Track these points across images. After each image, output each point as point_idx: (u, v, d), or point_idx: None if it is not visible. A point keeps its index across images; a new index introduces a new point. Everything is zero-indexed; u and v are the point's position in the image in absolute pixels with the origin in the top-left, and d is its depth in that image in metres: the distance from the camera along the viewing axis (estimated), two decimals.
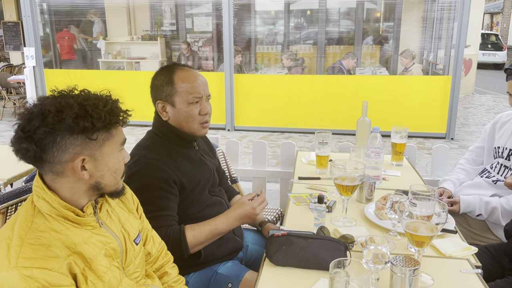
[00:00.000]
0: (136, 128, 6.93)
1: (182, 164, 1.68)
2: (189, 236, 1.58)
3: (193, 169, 1.72)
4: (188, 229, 1.59)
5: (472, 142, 6.42)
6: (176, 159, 1.67)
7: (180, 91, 1.66)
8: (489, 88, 12.26)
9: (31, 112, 1.08)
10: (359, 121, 2.64)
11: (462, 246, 1.60)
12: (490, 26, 23.60)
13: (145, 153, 1.64)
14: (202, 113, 1.70)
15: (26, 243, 1.05)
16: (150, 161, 1.61)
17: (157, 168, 1.60)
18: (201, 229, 1.61)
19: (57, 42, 9.25)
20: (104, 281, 1.15)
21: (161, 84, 1.69)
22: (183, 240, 1.56)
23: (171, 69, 1.70)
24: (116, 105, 1.16)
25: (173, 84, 1.67)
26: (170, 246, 1.53)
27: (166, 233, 1.55)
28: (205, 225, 1.63)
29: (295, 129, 7.10)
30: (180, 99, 1.67)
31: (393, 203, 1.64)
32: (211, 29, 9.54)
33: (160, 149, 1.67)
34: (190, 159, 1.74)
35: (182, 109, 1.67)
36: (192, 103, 1.67)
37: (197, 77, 1.70)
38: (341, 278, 1.03)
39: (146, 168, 1.59)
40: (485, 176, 2.31)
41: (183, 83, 1.67)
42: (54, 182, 1.12)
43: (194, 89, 1.67)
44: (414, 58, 7.12)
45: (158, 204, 1.57)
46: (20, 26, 10.42)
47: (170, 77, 1.68)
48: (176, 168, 1.63)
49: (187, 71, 1.70)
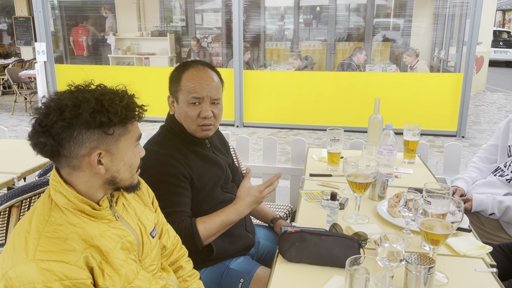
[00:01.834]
0: (146, 124, 6.96)
1: (193, 160, 1.68)
2: (201, 229, 1.59)
3: (204, 166, 1.72)
4: (199, 222, 1.60)
5: (483, 140, 6.37)
6: (187, 155, 1.67)
7: (183, 89, 1.66)
8: (501, 86, 12.14)
9: (49, 107, 1.08)
10: (371, 118, 2.62)
11: (477, 245, 1.59)
12: (502, 23, 23.34)
13: (156, 149, 1.64)
14: (201, 116, 1.66)
15: (43, 236, 1.06)
16: (161, 157, 1.61)
17: (168, 163, 1.60)
18: (212, 220, 1.62)
19: (72, 36, 9.32)
20: (120, 274, 1.15)
21: (172, 78, 1.71)
22: (196, 233, 1.57)
23: (186, 66, 1.70)
24: (132, 100, 1.17)
25: (180, 81, 1.67)
26: (183, 241, 1.54)
27: (179, 228, 1.55)
28: (215, 217, 1.63)
29: (304, 126, 7.08)
30: (182, 97, 1.67)
31: (407, 201, 1.63)
32: (220, 25, 9.54)
33: (171, 145, 1.67)
34: (201, 156, 1.73)
35: (182, 107, 1.68)
36: (192, 103, 1.66)
37: (204, 78, 1.67)
38: (361, 275, 1.03)
39: (157, 164, 1.60)
40: (498, 175, 2.28)
41: (188, 82, 1.66)
42: (71, 176, 1.13)
43: (195, 90, 1.65)
44: (418, 56, 7.06)
45: (170, 200, 1.58)
46: (31, 21, 10.49)
47: (180, 73, 1.68)
48: (187, 164, 1.64)
49: (198, 70, 1.68)
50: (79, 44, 9.44)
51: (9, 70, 8.66)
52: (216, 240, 1.67)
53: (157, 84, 7.23)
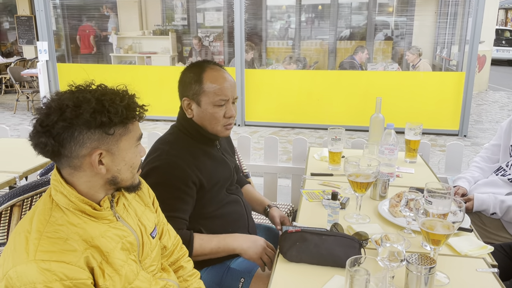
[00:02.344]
0: (147, 123, 6.96)
1: (203, 162, 1.67)
2: (196, 244, 1.59)
3: (213, 167, 1.71)
4: (197, 237, 1.60)
5: (485, 139, 6.35)
6: (197, 157, 1.66)
7: (207, 92, 1.63)
8: (503, 84, 12.10)
9: (49, 107, 1.09)
10: (373, 118, 2.62)
11: (478, 244, 1.58)
12: (504, 21, 23.26)
13: (167, 149, 1.63)
14: (227, 115, 1.67)
15: (44, 237, 1.06)
16: (171, 158, 1.60)
17: (178, 166, 1.59)
18: (209, 239, 1.62)
19: (78, 35, 9.33)
20: (121, 274, 1.16)
21: (189, 81, 1.66)
22: (191, 245, 1.57)
23: (202, 67, 1.67)
24: (133, 100, 1.17)
25: (202, 83, 1.64)
26: None
27: None
28: (213, 237, 1.64)
29: (306, 125, 7.07)
30: (206, 99, 1.64)
31: (408, 200, 1.62)
32: (222, 24, 9.53)
33: (182, 146, 1.66)
34: (211, 157, 1.73)
35: (207, 109, 1.65)
36: (218, 105, 1.65)
37: (226, 78, 1.66)
38: (361, 276, 1.02)
39: (166, 165, 1.59)
40: (500, 174, 2.28)
41: (212, 84, 1.63)
42: (72, 176, 1.13)
43: (221, 91, 1.64)
44: (421, 55, 7.04)
45: (172, 204, 1.57)
46: (33, 20, 10.50)
47: (200, 75, 1.64)
48: (196, 167, 1.63)
49: (217, 71, 1.67)
50: (85, 43, 9.44)
51: (11, 69, 8.68)
52: None
53: (159, 83, 7.24)
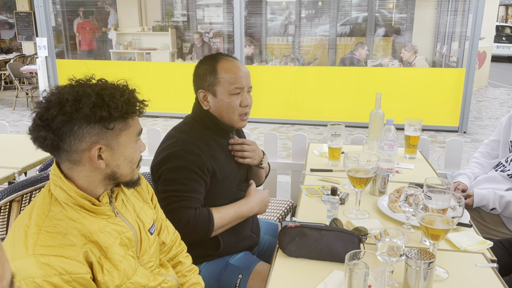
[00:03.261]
0: (147, 119, 6.96)
1: (217, 153, 1.69)
2: (216, 218, 1.61)
3: (226, 160, 1.73)
4: (215, 211, 1.63)
5: (485, 136, 6.35)
6: (212, 147, 1.68)
7: (222, 81, 1.65)
8: (503, 81, 12.08)
9: (49, 101, 1.08)
10: (372, 113, 2.62)
11: (477, 240, 1.59)
12: (505, 18, 23.22)
13: (183, 137, 1.66)
14: (243, 104, 1.69)
15: (43, 231, 1.06)
16: (187, 145, 1.63)
17: (193, 153, 1.62)
18: (226, 211, 1.65)
19: (77, 31, 9.30)
20: (119, 269, 1.16)
21: (204, 73, 1.68)
22: (212, 221, 1.59)
23: (215, 59, 1.69)
24: (133, 95, 1.17)
25: (216, 74, 1.66)
26: (196, 228, 1.56)
27: (195, 215, 1.56)
28: (228, 208, 1.67)
29: (306, 121, 7.07)
30: (222, 89, 1.66)
31: (407, 196, 1.63)
32: (222, 20, 9.51)
33: (198, 135, 1.68)
34: (225, 150, 1.75)
35: (223, 99, 1.67)
36: (234, 94, 1.66)
37: (240, 68, 1.69)
38: (360, 269, 1.02)
39: (182, 151, 1.62)
40: (499, 170, 2.28)
41: (226, 74, 1.65)
42: (71, 170, 1.13)
43: (236, 80, 1.66)
44: (416, 52, 7.04)
45: (190, 185, 1.59)
46: (33, 16, 10.46)
47: (214, 66, 1.67)
48: (211, 156, 1.65)
49: (231, 61, 1.69)
50: (85, 39, 9.42)
51: (11, 65, 8.66)
52: (224, 237, 1.69)
53: (158, 79, 7.23)
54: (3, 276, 0.45)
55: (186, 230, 1.55)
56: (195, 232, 1.56)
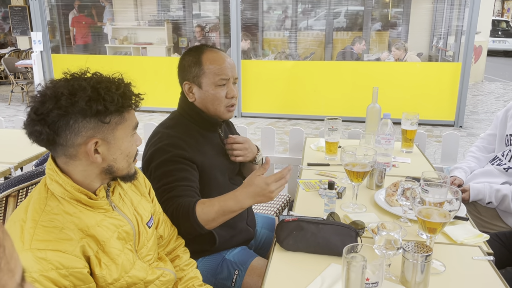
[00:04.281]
0: (143, 114, 6.94)
1: (204, 146, 1.68)
2: (198, 210, 1.48)
3: (214, 154, 1.71)
4: (199, 203, 1.51)
5: (481, 130, 6.37)
6: (198, 141, 1.67)
7: (207, 73, 1.64)
8: (499, 75, 12.11)
9: (44, 95, 1.07)
10: (369, 107, 2.61)
11: (474, 233, 1.59)
12: (501, 12, 23.24)
13: (168, 132, 1.65)
14: (229, 96, 1.67)
15: (39, 226, 1.06)
16: (172, 139, 1.62)
17: (179, 146, 1.60)
18: (211, 203, 1.50)
19: (72, 26, 9.22)
20: (117, 263, 1.15)
21: (189, 64, 1.67)
22: (192, 214, 1.47)
23: (200, 50, 1.68)
24: (129, 88, 1.16)
25: (201, 65, 1.65)
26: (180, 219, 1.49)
27: (178, 206, 1.49)
28: (215, 201, 1.51)
29: (302, 116, 7.07)
30: (207, 80, 1.65)
31: (404, 189, 1.63)
32: (218, 14, 9.46)
33: (183, 130, 1.67)
34: (212, 143, 1.73)
35: (209, 91, 1.65)
36: (219, 85, 1.65)
37: (225, 59, 1.67)
38: (358, 263, 1.03)
39: (168, 145, 1.61)
40: (496, 164, 2.29)
41: (211, 65, 1.64)
42: (67, 165, 1.13)
43: (222, 71, 1.64)
44: (407, 50, 7.04)
45: (176, 175, 1.57)
46: (27, 11, 10.38)
47: (199, 57, 1.65)
48: (197, 150, 1.64)
49: (216, 52, 1.68)
50: (80, 33, 9.35)
51: (6, 60, 8.60)
52: (219, 232, 1.66)
53: (154, 74, 7.20)
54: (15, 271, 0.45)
55: (174, 221, 1.52)
56: (180, 223, 1.50)
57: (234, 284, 1.63)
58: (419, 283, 1.25)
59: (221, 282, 1.65)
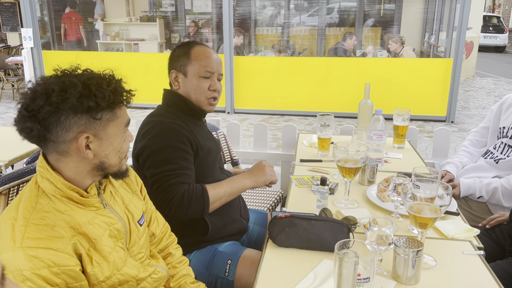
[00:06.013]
0: (135, 111, 6.90)
1: (195, 129, 1.73)
2: (209, 190, 1.63)
3: (204, 138, 1.77)
4: (209, 187, 1.65)
5: (472, 125, 6.42)
6: (189, 125, 1.72)
7: (194, 63, 1.73)
8: (490, 71, 12.20)
9: (35, 91, 1.06)
10: (361, 103, 2.62)
11: (464, 228, 1.61)
12: (492, 8, 23.37)
13: (159, 119, 1.71)
14: (211, 88, 1.75)
15: (31, 224, 1.05)
16: (165, 124, 1.67)
17: (174, 130, 1.65)
18: (219, 185, 1.68)
19: (62, 22, 9.13)
20: (109, 261, 1.15)
21: (178, 55, 1.77)
22: (206, 197, 1.60)
23: (191, 44, 1.78)
24: (120, 85, 1.15)
25: (189, 56, 1.74)
26: (192, 202, 1.56)
27: (189, 189, 1.57)
28: (222, 183, 1.70)
29: (295, 112, 7.08)
30: (192, 70, 1.73)
31: (396, 185, 1.64)
32: (210, 10, 9.42)
33: (174, 116, 1.72)
34: (203, 130, 1.80)
35: (192, 80, 1.74)
36: (203, 77, 1.73)
37: (212, 54, 1.78)
38: (350, 259, 1.03)
39: (163, 130, 1.65)
40: (488, 158, 2.30)
41: (199, 56, 1.74)
42: (58, 162, 1.12)
43: (207, 64, 1.74)
44: (404, 43, 7.07)
45: (179, 163, 1.62)
46: (17, 7, 10.27)
47: (188, 50, 1.75)
48: (189, 131, 1.69)
49: (205, 48, 1.79)
50: (71, 30, 9.27)
51: None
52: (212, 220, 1.69)
53: (147, 70, 7.16)
54: None
55: (182, 206, 1.55)
56: (191, 206, 1.56)
57: (227, 273, 1.64)
58: (410, 278, 1.27)
59: (215, 273, 1.66)
